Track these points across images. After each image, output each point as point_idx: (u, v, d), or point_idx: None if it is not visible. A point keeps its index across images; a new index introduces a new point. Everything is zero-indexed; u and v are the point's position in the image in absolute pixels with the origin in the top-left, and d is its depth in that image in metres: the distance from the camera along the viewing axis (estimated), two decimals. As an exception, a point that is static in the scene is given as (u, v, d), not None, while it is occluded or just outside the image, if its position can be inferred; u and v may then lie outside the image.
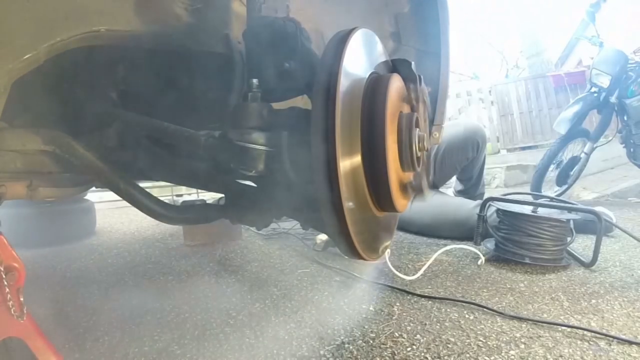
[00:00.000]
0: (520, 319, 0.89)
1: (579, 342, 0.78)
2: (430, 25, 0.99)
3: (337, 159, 0.56)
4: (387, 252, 1.13)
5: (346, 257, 0.72)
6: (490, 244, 1.42)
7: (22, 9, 0.50)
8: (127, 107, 0.84)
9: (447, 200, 1.92)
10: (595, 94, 2.68)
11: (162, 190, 3.46)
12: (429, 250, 1.53)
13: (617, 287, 1.07)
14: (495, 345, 0.77)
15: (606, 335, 0.79)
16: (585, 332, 0.81)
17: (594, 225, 1.27)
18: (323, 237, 1.58)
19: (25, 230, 1.82)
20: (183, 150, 0.84)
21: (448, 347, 0.78)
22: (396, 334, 0.85)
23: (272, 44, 0.70)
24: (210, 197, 3.01)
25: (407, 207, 0.79)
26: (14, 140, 0.69)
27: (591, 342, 0.78)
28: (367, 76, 0.70)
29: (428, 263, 1.30)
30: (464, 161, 2.07)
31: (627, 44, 4.48)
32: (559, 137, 2.74)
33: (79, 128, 0.78)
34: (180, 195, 3.73)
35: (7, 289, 0.50)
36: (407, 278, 1.18)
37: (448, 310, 0.96)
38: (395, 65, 0.76)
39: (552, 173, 2.78)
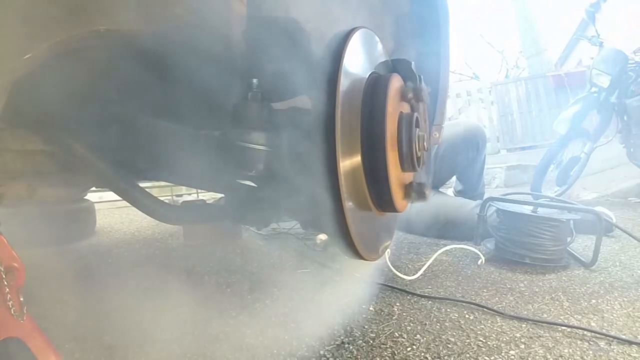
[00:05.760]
0: (520, 319, 0.89)
1: (579, 342, 0.78)
2: (430, 25, 0.99)
3: (337, 159, 0.56)
4: (387, 252, 1.13)
5: (346, 257, 0.72)
6: (490, 244, 1.42)
7: (22, 9, 0.50)
8: (127, 107, 0.84)
9: (447, 200, 1.92)
10: (595, 94, 2.68)
11: (162, 190, 3.45)
12: (429, 250, 1.53)
13: (617, 287, 1.07)
14: (495, 345, 0.77)
15: (606, 335, 0.79)
16: (585, 332, 0.81)
17: (594, 225, 1.27)
18: (323, 237, 1.58)
19: (25, 230, 1.82)
20: (183, 150, 0.84)
21: (448, 347, 0.78)
22: (396, 334, 0.85)
23: (272, 44, 0.70)
24: (210, 197, 3.01)
25: (407, 207, 0.79)
26: (14, 140, 0.69)
27: (591, 342, 0.78)
28: (367, 76, 0.70)
29: (428, 263, 1.30)
30: (464, 161, 2.07)
31: (627, 44, 4.47)
32: (559, 137, 2.74)
33: (79, 128, 0.78)
34: (180, 195, 3.72)
35: (7, 289, 0.50)
36: (407, 278, 1.18)
37: (448, 310, 0.96)
38: (395, 65, 0.76)
39: (552, 173, 2.78)
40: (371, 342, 0.82)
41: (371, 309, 0.99)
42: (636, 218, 2.02)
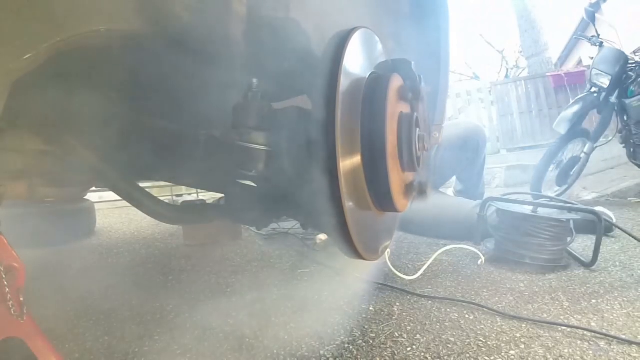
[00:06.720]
0: (520, 319, 0.89)
1: (579, 342, 0.78)
2: (430, 25, 0.99)
3: (338, 159, 0.56)
4: (387, 252, 1.13)
5: (346, 257, 0.72)
6: (490, 244, 1.42)
7: (22, 9, 0.50)
8: (127, 107, 0.84)
9: (447, 200, 1.92)
10: (595, 94, 2.67)
11: (162, 190, 3.46)
12: (429, 250, 1.53)
13: (617, 287, 1.07)
14: (495, 345, 0.77)
15: (606, 335, 0.79)
16: (585, 332, 0.81)
17: (594, 225, 1.27)
18: (323, 237, 1.58)
19: (25, 230, 1.82)
20: (183, 150, 0.84)
21: (448, 347, 0.78)
22: (396, 334, 0.85)
23: (272, 44, 0.70)
24: (210, 197, 3.01)
25: (408, 207, 0.79)
26: (14, 140, 0.69)
27: (591, 342, 0.78)
28: (367, 76, 0.70)
29: (428, 263, 1.30)
30: (464, 161, 2.07)
31: (627, 44, 4.47)
32: (559, 137, 2.74)
33: (79, 128, 0.78)
34: (180, 195, 3.72)
35: (7, 289, 0.50)
36: (407, 278, 1.18)
37: (448, 310, 0.96)
38: (395, 65, 0.76)
39: (552, 173, 2.78)
40: (371, 342, 0.82)
41: (371, 309, 0.99)
42: (636, 218, 2.02)
